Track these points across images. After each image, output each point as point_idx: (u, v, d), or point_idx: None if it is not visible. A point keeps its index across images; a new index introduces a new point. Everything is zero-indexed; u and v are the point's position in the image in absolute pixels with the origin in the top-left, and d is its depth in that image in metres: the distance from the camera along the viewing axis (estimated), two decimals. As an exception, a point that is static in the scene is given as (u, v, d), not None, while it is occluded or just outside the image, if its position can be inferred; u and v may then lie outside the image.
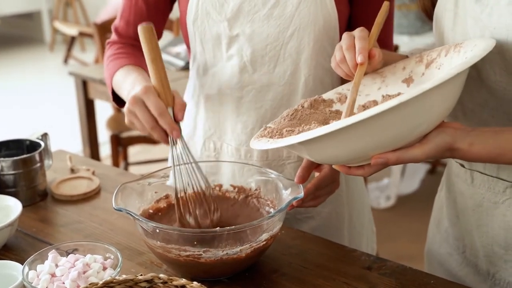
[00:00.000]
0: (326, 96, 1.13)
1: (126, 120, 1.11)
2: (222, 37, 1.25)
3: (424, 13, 1.14)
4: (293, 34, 1.22)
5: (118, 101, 1.32)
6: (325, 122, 1.08)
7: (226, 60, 1.27)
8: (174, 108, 1.09)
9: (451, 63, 1.00)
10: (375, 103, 1.10)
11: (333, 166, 0.99)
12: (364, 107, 1.10)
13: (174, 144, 1.10)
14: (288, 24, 1.21)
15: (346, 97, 1.11)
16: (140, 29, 1.08)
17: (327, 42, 1.25)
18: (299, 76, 1.26)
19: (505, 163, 0.97)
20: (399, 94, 1.07)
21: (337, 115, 1.10)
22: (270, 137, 1.01)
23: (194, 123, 1.38)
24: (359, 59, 1.03)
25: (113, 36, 1.38)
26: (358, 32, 1.06)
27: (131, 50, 1.34)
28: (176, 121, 1.09)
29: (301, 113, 1.09)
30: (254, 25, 1.22)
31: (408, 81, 1.08)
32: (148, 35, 1.08)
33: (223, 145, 1.34)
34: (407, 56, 1.15)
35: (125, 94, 1.20)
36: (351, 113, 1.03)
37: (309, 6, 1.20)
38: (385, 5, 1.14)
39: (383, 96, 1.09)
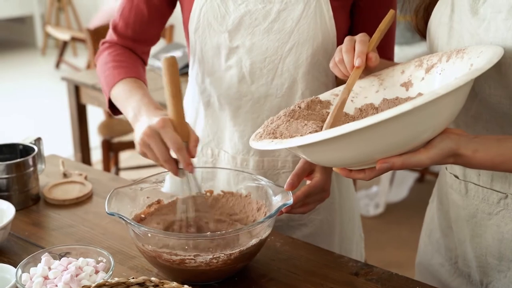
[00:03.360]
0: (322, 97, 1.13)
1: (138, 150, 1.11)
2: (222, 48, 1.27)
3: (418, 32, 1.15)
4: (292, 49, 1.24)
5: (113, 108, 1.32)
6: (323, 123, 1.08)
7: (225, 70, 1.29)
8: (189, 144, 1.10)
9: (453, 68, 1.00)
10: (372, 106, 1.10)
11: (334, 169, 0.99)
12: (361, 110, 1.11)
13: (183, 176, 1.13)
14: (287, 39, 1.24)
15: None
16: (164, 62, 1.07)
17: (324, 58, 1.27)
18: (296, 89, 1.28)
19: (507, 171, 0.98)
20: (397, 98, 1.08)
21: None
22: (274, 137, 1.00)
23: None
24: (356, 62, 1.06)
25: (111, 35, 1.36)
26: (359, 36, 1.09)
27: (129, 57, 1.34)
28: (191, 156, 1.10)
29: (298, 113, 1.09)
30: (254, 38, 1.25)
31: (407, 85, 1.08)
32: (172, 68, 1.08)
33: (221, 152, 1.36)
34: None
35: (130, 116, 1.20)
36: (338, 112, 1.04)
37: (309, 23, 1.22)
38: (391, 13, 1.15)
39: (383, 100, 1.09)
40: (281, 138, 0.99)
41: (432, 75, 1.04)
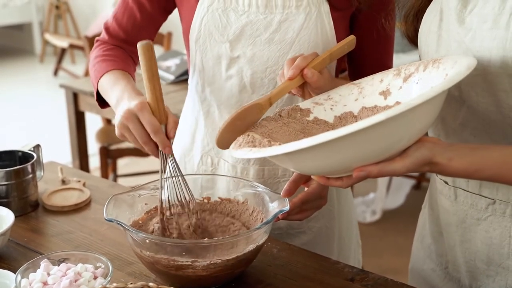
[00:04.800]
0: (303, 105, 1.15)
1: (117, 132, 1.13)
2: (223, 58, 1.28)
3: (407, 38, 1.17)
4: None
5: (101, 101, 1.34)
6: (303, 131, 1.10)
7: (225, 79, 1.30)
8: (167, 126, 1.11)
9: (430, 78, 1.02)
10: (351, 114, 1.12)
11: (312, 177, 1.00)
12: (341, 118, 1.12)
13: (163, 158, 1.13)
14: (288, 49, 1.25)
15: (323, 107, 1.14)
16: (140, 46, 1.09)
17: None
18: (297, 99, 1.28)
19: (481, 179, 1.00)
20: (375, 106, 1.10)
21: (314, 125, 1.12)
22: (253, 146, 1.02)
23: (192, 138, 1.41)
24: (288, 73, 1.12)
25: (103, 35, 1.39)
26: (307, 54, 1.15)
27: (119, 53, 1.36)
28: (169, 138, 1.11)
29: (279, 122, 1.11)
30: (255, 48, 1.26)
31: (385, 93, 1.10)
32: (148, 53, 1.09)
33: (220, 161, 1.37)
34: None
35: (113, 102, 1.21)
36: (245, 111, 1.08)
37: (310, 33, 1.24)
38: (350, 37, 1.20)
39: (362, 108, 1.11)
40: (260, 146, 1.01)
41: (410, 84, 1.06)
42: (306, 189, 1.19)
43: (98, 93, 1.33)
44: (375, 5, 1.25)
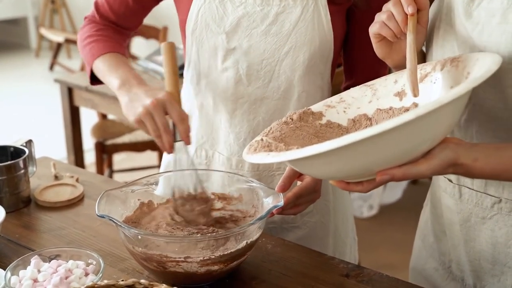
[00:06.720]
0: (314, 108, 1.12)
1: (135, 119, 1.14)
2: (219, 49, 1.27)
3: None
4: (289, 52, 1.25)
5: (92, 79, 1.37)
6: (317, 135, 1.07)
7: (221, 71, 1.29)
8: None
9: (449, 77, 0.99)
10: (365, 116, 1.09)
11: (330, 182, 0.97)
12: (354, 121, 1.09)
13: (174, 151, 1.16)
14: (285, 41, 1.24)
15: (336, 109, 1.11)
16: (164, 46, 1.17)
17: (321, 61, 1.28)
18: (293, 92, 1.28)
19: (508, 180, 0.97)
20: (391, 108, 1.07)
21: (327, 128, 1.09)
22: (269, 150, 0.99)
23: None
24: (409, 9, 1.00)
25: (94, 13, 1.39)
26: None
27: (111, 33, 1.37)
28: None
29: (291, 125, 1.08)
30: (252, 40, 1.25)
31: (400, 94, 1.07)
32: (171, 52, 1.18)
33: (215, 154, 1.37)
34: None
35: (114, 82, 1.23)
36: (413, 64, 0.98)
37: (306, 26, 1.23)
38: None
39: (376, 110, 1.08)
40: (277, 151, 0.98)
41: (426, 84, 1.03)
42: (299, 183, 1.18)
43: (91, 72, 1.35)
44: (374, 2, 1.24)
